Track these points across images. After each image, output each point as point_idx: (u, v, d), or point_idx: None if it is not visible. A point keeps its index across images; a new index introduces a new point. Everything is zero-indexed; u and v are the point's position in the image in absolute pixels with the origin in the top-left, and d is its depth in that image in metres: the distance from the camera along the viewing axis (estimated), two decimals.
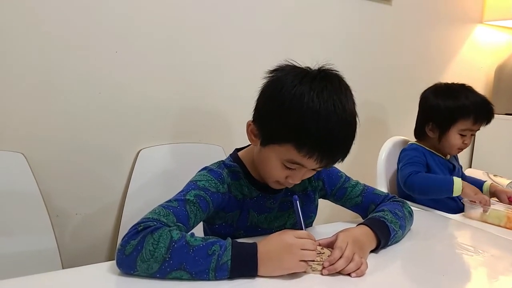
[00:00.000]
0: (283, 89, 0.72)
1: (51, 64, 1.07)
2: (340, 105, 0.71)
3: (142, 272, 0.63)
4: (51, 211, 1.09)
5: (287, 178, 0.78)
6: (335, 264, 0.69)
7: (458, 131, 1.29)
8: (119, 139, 1.19)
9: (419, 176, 1.24)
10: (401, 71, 1.81)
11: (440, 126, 1.31)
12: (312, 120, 0.69)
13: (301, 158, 0.73)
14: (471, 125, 1.27)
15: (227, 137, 1.36)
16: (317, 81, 0.72)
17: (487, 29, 2.09)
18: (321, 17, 1.54)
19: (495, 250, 0.89)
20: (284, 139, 0.72)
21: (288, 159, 0.74)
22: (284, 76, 0.75)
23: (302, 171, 0.77)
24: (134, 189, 1.19)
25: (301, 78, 0.72)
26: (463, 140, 1.30)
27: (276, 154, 0.75)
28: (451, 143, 1.31)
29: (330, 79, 0.74)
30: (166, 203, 0.73)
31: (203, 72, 1.30)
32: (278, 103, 0.72)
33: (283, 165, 0.76)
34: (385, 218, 0.83)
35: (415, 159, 1.30)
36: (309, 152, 0.71)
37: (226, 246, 0.65)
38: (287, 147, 0.73)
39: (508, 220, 1.12)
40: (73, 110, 1.11)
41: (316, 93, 0.70)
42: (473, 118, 1.26)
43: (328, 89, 0.71)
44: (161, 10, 1.20)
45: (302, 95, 0.70)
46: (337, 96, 0.71)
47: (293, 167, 0.76)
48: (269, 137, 0.76)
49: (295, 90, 0.71)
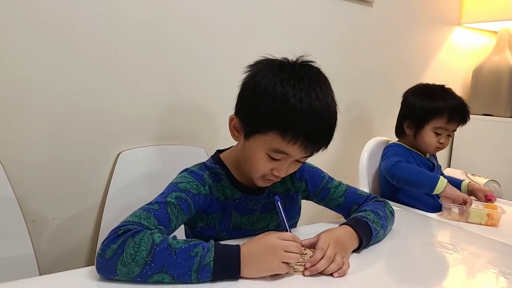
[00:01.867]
0: (264, 78, 0.73)
1: (26, 64, 1.04)
2: (321, 91, 0.73)
3: (122, 277, 0.62)
4: (27, 216, 1.05)
5: (272, 171, 0.78)
6: (317, 264, 0.69)
7: (432, 129, 1.33)
8: (98, 141, 1.16)
9: (406, 166, 1.28)
10: (382, 72, 1.84)
11: (415, 124, 1.37)
12: (295, 105, 0.70)
13: (286, 146, 0.73)
14: (445, 124, 1.32)
15: (210, 139, 1.35)
16: (296, 68, 0.75)
17: (465, 32, 2.14)
18: (304, 18, 1.54)
19: (473, 248, 0.90)
20: (268, 127, 0.73)
21: (273, 148, 0.74)
22: (263, 66, 0.77)
23: (287, 162, 0.77)
24: (114, 193, 1.16)
25: (280, 66, 0.75)
26: (438, 139, 1.34)
27: (261, 144, 0.75)
28: (426, 141, 1.35)
29: (309, 68, 0.77)
30: (147, 206, 0.72)
31: (184, 72, 1.29)
32: (260, 91, 0.73)
33: (268, 156, 0.76)
34: (367, 218, 0.84)
35: (400, 153, 1.35)
36: (293, 138, 0.71)
37: (209, 248, 0.65)
38: (272, 135, 0.73)
39: (489, 218, 1.15)
40: (49, 112, 1.08)
41: (297, 79, 0.72)
42: (446, 118, 1.31)
43: (308, 75, 0.74)
44: (141, 9, 1.18)
45: (284, 81, 0.72)
46: (318, 82, 0.74)
47: (278, 157, 0.76)
48: (253, 127, 0.76)
49: (276, 77, 0.72)
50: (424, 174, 1.27)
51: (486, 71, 2.06)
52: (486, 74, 2.06)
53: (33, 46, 1.04)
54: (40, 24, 1.04)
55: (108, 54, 1.15)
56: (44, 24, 1.05)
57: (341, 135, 1.73)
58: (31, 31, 1.03)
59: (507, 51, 2.02)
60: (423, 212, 1.21)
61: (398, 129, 1.45)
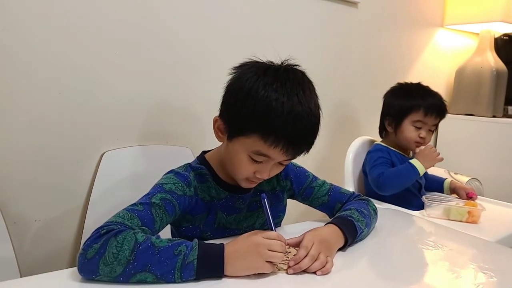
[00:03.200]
0: (248, 81, 0.74)
1: (7, 64, 1.02)
2: (303, 95, 0.74)
3: (104, 276, 0.61)
4: (8, 218, 1.03)
5: (255, 173, 0.79)
6: (300, 263, 0.70)
7: (410, 122, 1.39)
8: (81, 141, 1.14)
9: (386, 175, 1.32)
10: (366, 73, 1.86)
11: (394, 120, 1.42)
12: (277, 109, 0.71)
13: (268, 149, 0.73)
14: (423, 117, 1.37)
15: (195, 139, 1.34)
16: (280, 72, 0.75)
17: (448, 33, 2.18)
18: (288, 19, 1.55)
19: (454, 245, 0.92)
20: (250, 129, 0.73)
21: (255, 150, 0.75)
22: (248, 69, 0.77)
23: (269, 164, 0.78)
24: (98, 193, 1.14)
25: (265, 70, 0.76)
26: (418, 133, 1.39)
27: (243, 147, 0.76)
28: (406, 135, 1.40)
29: (293, 72, 0.77)
30: (131, 207, 0.72)
31: (170, 72, 1.28)
32: (244, 94, 0.73)
33: (251, 158, 0.76)
34: (352, 216, 0.85)
35: (380, 160, 1.38)
36: (275, 141, 0.72)
37: (193, 246, 0.65)
38: (254, 138, 0.73)
39: (470, 215, 1.17)
40: (31, 111, 1.06)
41: (280, 83, 0.73)
42: (423, 111, 1.36)
43: (292, 79, 0.74)
44: (125, 7, 1.17)
45: (267, 85, 0.72)
46: (301, 87, 0.75)
47: (260, 159, 0.76)
48: (236, 129, 0.76)
49: (259, 81, 0.73)
50: (402, 171, 1.32)
51: (468, 72, 2.10)
52: (468, 75, 2.11)
53: (14, 46, 1.02)
54: (20, 23, 1.02)
55: (92, 54, 1.13)
56: (24, 23, 1.03)
57: (327, 135, 1.75)
58: (12, 31, 1.01)
59: (489, 53, 2.06)
60: (406, 210, 1.23)
61: (381, 129, 1.50)
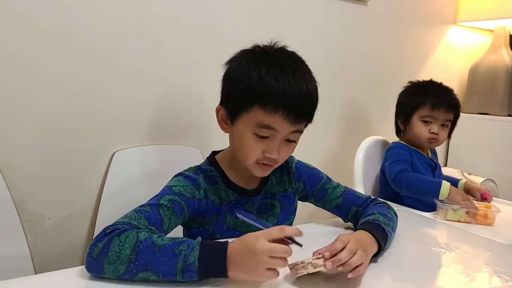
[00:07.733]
0: (239, 64, 0.79)
1: (20, 65, 1.03)
2: (295, 65, 0.77)
3: (110, 275, 0.62)
4: (23, 216, 1.05)
5: (263, 153, 0.78)
6: (339, 255, 0.64)
7: (419, 118, 1.37)
8: (93, 141, 1.16)
9: (409, 175, 1.29)
10: (377, 71, 1.84)
11: (404, 117, 1.41)
12: (270, 79, 0.74)
13: (269, 117, 0.74)
14: (430, 111, 1.35)
15: (204, 138, 1.34)
16: (269, 50, 0.80)
17: (461, 30, 2.14)
18: (298, 17, 1.54)
19: (468, 247, 0.91)
20: (249, 102, 0.75)
21: (257, 123, 0.75)
22: (238, 57, 0.81)
23: (276, 140, 0.77)
24: (109, 192, 1.16)
25: (253, 51, 0.81)
26: (428, 128, 1.36)
27: (246, 124, 0.77)
28: (416, 132, 1.38)
29: (282, 50, 0.81)
30: (139, 208, 0.72)
31: (179, 72, 1.28)
32: (237, 75, 0.77)
33: (256, 135, 0.77)
34: (379, 220, 0.82)
35: (401, 157, 1.36)
36: (274, 107, 0.73)
37: (194, 246, 0.62)
38: (254, 111, 0.75)
39: (485, 217, 1.15)
40: (45, 112, 1.08)
41: (270, 58, 0.77)
42: (430, 105, 1.35)
43: (281, 55, 0.79)
44: (130, 8, 1.18)
45: (257, 60, 0.77)
46: (292, 59, 0.79)
47: (266, 133, 0.76)
48: (236, 108, 0.78)
49: (249, 61, 0.77)
50: (426, 182, 1.28)
51: (482, 70, 2.06)
52: (482, 73, 2.06)
53: (26, 49, 1.04)
54: (30, 27, 1.04)
55: (102, 55, 1.14)
56: (34, 27, 1.04)
57: (337, 134, 1.73)
58: (21, 35, 1.03)
59: (503, 50, 2.02)
60: (419, 212, 1.21)
61: (397, 129, 1.49)
